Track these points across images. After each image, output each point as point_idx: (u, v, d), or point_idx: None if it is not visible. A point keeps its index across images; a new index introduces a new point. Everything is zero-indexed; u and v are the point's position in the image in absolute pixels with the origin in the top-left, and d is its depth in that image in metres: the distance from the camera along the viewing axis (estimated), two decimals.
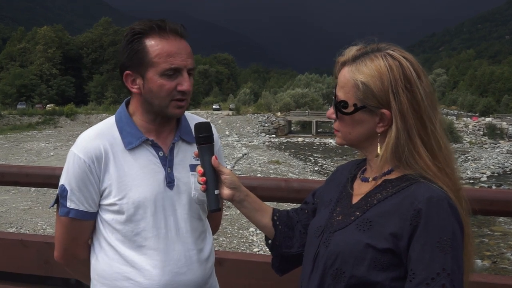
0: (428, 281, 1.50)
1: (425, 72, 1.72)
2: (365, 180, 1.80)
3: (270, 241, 2.09)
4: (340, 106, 1.74)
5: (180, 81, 2.07)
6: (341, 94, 1.74)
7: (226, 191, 1.98)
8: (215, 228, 2.58)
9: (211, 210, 1.97)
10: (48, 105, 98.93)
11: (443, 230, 1.53)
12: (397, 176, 1.70)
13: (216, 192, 1.95)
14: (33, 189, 27.21)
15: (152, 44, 2.06)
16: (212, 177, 1.95)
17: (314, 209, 2.05)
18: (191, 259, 2.21)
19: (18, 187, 26.97)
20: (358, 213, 1.70)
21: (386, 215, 1.62)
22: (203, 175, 1.96)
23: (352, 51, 1.76)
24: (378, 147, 1.71)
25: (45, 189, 25.69)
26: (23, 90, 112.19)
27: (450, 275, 1.49)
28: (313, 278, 1.74)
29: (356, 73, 1.69)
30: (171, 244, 2.17)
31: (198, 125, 2.01)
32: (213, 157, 1.97)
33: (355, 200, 1.77)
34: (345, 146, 1.85)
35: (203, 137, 1.99)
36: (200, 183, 1.97)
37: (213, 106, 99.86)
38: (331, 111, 1.80)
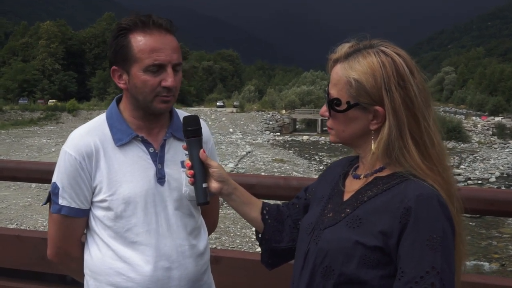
0: (417, 279, 1.50)
1: (419, 68, 1.71)
2: (357, 177, 1.80)
3: (260, 235, 2.09)
4: (333, 104, 1.74)
5: (164, 77, 2.07)
6: (334, 92, 1.74)
7: (214, 184, 1.98)
8: (212, 227, 2.60)
9: (199, 204, 1.98)
10: (50, 100, 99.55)
11: (433, 228, 1.53)
12: (388, 173, 1.70)
13: (204, 185, 1.97)
14: (33, 185, 27.27)
15: (136, 40, 2.06)
16: (200, 170, 1.97)
17: (305, 204, 2.05)
18: (183, 254, 2.22)
19: (18, 183, 26.92)
20: (348, 210, 1.70)
21: (376, 212, 1.62)
22: (191, 168, 1.97)
23: (344, 48, 1.76)
24: (372, 144, 1.71)
25: (46, 185, 25.45)
26: (25, 85, 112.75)
27: (440, 274, 1.49)
28: (304, 275, 1.75)
29: (349, 70, 1.69)
30: (162, 240, 2.18)
31: (186, 118, 2.04)
32: (201, 150, 1.98)
33: (346, 197, 1.78)
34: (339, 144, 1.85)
35: (191, 130, 2.00)
36: (188, 176, 1.99)
37: (217, 103, 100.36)
38: (324, 109, 1.80)
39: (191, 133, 2.00)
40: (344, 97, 1.70)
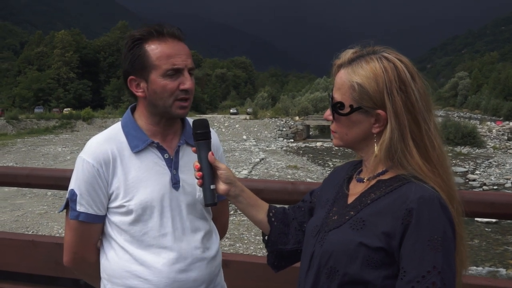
0: (419, 279, 1.54)
1: (420, 74, 1.76)
2: (360, 180, 1.84)
3: (266, 237, 2.14)
4: (337, 108, 1.79)
5: (182, 80, 2.16)
6: (337, 96, 1.79)
7: (222, 186, 2.04)
8: (222, 231, 2.65)
9: (207, 204, 2.03)
10: (65, 109, 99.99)
11: (434, 229, 1.56)
12: (391, 176, 1.74)
13: (212, 187, 2.02)
14: (49, 193, 27.36)
15: (152, 48, 2.16)
16: (208, 172, 2.02)
17: (311, 207, 2.11)
18: (197, 257, 2.28)
19: (34, 191, 27.00)
20: (352, 213, 1.75)
21: (379, 214, 1.66)
22: (199, 170, 2.02)
23: (348, 54, 1.81)
24: (375, 147, 1.75)
25: (61, 193, 25.76)
26: (41, 94, 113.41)
27: (440, 273, 1.53)
28: (309, 276, 1.79)
29: (352, 75, 1.74)
30: (177, 243, 2.24)
31: (196, 122, 2.10)
32: (209, 152, 2.04)
33: (350, 200, 1.82)
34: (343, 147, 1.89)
35: (200, 133, 2.07)
36: (196, 178, 2.03)
37: (231, 110, 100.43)
38: (328, 112, 1.84)
39: (200, 136, 2.06)
40: (347, 101, 1.75)
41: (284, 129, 75.09)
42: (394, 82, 1.68)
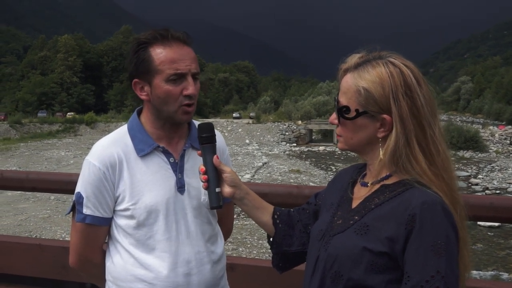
0: (423, 283, 1.55)
1: (425, 80, 1.78)
2: (364, 185, 1.85)
3: (271, 239, 2.16)
4: (342, 112, 1.80)
5: (185, 86, 2.16)
6: (343, 100, 1.80)
7: (227, 189, 2.07)
8: (226, 235, 2.65)
9: (212, 207, 2.06)
10: (68, 113, 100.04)
11: (437, 234, 1.58)
12: (394, 181, 1.75)
13: (217, 190, 2.05)
14: (52, 197, 27.36)
15: (157, 52, 2.16)
16: (213, 175, 2.05)
17: (315, 210, 2.12)
18: (202, 261, 2.30)
19: (38, 195, 26.98)
20: (356, 217, 1.76)
21: (382, 219, 1.68)
22: (205, 173, 2.05)
23: (354, 58, 1.83)
24: (381, 152, 1.76)
25: (65, 197, 25.81)
26: (44, 98, 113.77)
27: (444, 278, 1.54)
28: (314, 281, 1.80)
29: (358, 79, 1.76)
30: (181, 247, 2.25)
31: (201, 126, 2.12)
32: (215, 156, 2.06)
33: (354, 204, 1.84)
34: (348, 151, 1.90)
35: (206, 137, 2.09)
36: (202, 181, 2.06)
37: (233, 114, 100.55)
38: (333, 116, 1.86)
39: (205, 139, 2.08)
40: (353, 105, 1.77)
41: (286, 133, 75.00)
42: (400, 87, 1.69)
